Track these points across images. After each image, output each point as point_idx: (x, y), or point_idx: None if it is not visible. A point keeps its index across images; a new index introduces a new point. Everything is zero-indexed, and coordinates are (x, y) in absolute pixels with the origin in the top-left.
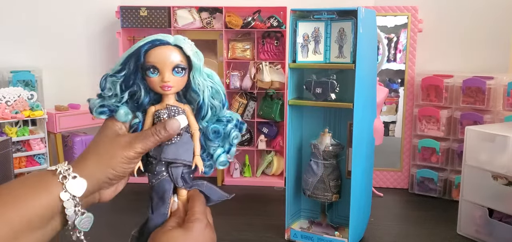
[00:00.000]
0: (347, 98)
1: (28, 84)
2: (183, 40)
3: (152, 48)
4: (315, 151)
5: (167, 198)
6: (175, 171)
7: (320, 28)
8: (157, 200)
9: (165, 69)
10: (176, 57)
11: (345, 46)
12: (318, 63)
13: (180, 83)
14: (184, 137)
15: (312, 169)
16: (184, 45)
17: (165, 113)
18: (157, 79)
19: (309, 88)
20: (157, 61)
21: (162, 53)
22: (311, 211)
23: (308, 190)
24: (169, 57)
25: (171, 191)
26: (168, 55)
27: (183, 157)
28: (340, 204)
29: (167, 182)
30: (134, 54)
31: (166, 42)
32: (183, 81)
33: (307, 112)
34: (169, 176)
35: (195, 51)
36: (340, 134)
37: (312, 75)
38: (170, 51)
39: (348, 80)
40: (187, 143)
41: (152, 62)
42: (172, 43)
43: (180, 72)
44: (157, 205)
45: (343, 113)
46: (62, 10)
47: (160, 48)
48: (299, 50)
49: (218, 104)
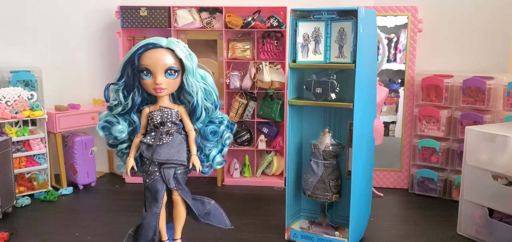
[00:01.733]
0: (347, 98)
1: (28, 84)
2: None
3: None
4: (315, 151)
5: (160, 198)
6: (167, 172)
7: (320, 28)
8: (150, 199)
9: (158, 71)
10: (169, 60)
11: (345, 46)
12: (318, 63)
13: (173, 85)
14: (177, 138)
15: (312, 168)
16: (176, 48)
17: (158, 114)
18: (150, 81)
19: (309, 88)
20: (149, 64)
21: (155, 56)
22: (311, 211)
23: (308, 190)
24: (161, 60)
25: (163, 191)
26: (160, 58)
27: (176, 157)
28: (340, 204)
29: (159, 182)
30: (130, 60)
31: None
32: (176, 83)
33: (307, 112)
34: (162, 176)
35: (187, 53)
36: (340, 134)
37: (312, 75)
38: (163, 54)
39: (348, 80)
40: (180, 143)
41: (145, 65)
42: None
43: (173, 74)
44: (150, 204)
45: (343, 113)
46: (62, 10)
47: (153, 51)
48: (299, 50)
49: (210, 106)
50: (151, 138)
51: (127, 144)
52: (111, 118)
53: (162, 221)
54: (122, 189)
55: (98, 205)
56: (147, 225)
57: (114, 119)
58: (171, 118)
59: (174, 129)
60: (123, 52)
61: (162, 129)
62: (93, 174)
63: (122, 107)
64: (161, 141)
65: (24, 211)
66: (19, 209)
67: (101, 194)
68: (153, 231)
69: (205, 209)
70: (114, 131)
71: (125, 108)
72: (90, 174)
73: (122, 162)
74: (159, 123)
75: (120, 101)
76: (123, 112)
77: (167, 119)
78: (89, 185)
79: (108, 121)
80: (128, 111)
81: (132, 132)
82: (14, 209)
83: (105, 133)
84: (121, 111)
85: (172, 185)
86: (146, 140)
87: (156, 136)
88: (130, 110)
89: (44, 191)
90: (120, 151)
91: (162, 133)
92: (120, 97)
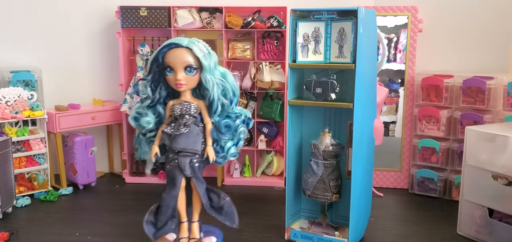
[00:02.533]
0: (347, 98)
1: (28, 84)
2: (195, 43)
3: (168, 51)
4: (315, 151)
5: (178, 183)
6: (183, 159)
7: (320, 28)
8: (169, 183)
9: (178, 68)
10: (188, 58)
11: (345, 46)
12: (318, 63)
13: (192, 81)
14: (194, 129)
15: (312, 168)
16: (194, 48)
17: (179, 107)
18: (172, 77)
19: (309, 88)
20: (171, 62)
21: (176, 54)
22: (311, 211)
23: (308, 190)
24: (181, 58)
25: (181, 177)
26: (180, 56)
27: (191, 146)
28: (340, 204)
29: (177, 169)
30: (155, 58)
31: (180, 45)
32: (195, 80)
33: (307, 112)
34: (179, 164)
35: (206, 52)
36: (340, 134)
37: (312, 75)
38: (183, 53)
39: (348, 80)
40: (197, 135)
41: (168, 63)
42: (185, 45)
43: (192, 71)
44: (169, 188)
45: (343, 113)
46: (62, 10)
47: (175, 51)
48: (299, 50)
49: (226, 102)
50: (171, 128)
51: (154, 132)
52: (141, 110)
53: (181, 203)
54: (122, 189)
55: (98, 205)
56: (166, 205)
57: (143, 111)
58: (190, 111)
59: (191, 121)
60: (123, 52)
61: (180, 121)
62: (93, 174)
63: (150, 100)
64: (179, 131)
65: (24, 211)
66: (19, 209)
67: (101, 194)
68: (172, 210)
69: (220, 203)
70: (142, 121)
71: (153, 101)
72: (90, 174)
73: (148, 149)
74: (179, 115)
75: (148, 95)
76: (151, 105)
77: (186, 112)
78: (89, 185)
79: (138, 113)
80: (155, 104)
81: (159, 122)
82: (14, 209)
83: (136, 123)
84: (149, 104)
85: (187, 172)
86: (166, 130)
87: (175, 126)
88: (156, 103)
89: (44, 191)
90: (148, 138)
91: (180, 124)
92: (148, 91)
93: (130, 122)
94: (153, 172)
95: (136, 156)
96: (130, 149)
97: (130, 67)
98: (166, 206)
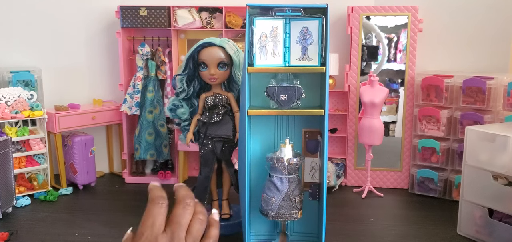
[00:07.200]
0: (312, 104)
1: (28, 84)
2: (226, 42)
3: (203, 49)
4: (278, 165)
5: (210, 165)
6: (217, 144)
7: (278, 27)
8: (203, 165)
9: (212, 64)
10: (220, 55)
11: (311, 47)
12: (280, 67)
13: (223, 76)
14: (225, 118)
15: (275, 185)
16: (226, 46)
17: (212, 99)
18: (206, 72)
19: (271, 96)
20: (205, 58)
21: (210, 52)
22: (263, 232)
23: (272, 210)
24: (215, 55)
25: (214, 160)
26: (214, 53)
27: (223, 132)
28: (299, 220)
29: (210, 152)
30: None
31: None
32: (226, 74)
33: (255, 122)
34: (213, 148)
35: (236, 50)
36: (295, 142)
37: (271, 81)
38: (216, 50)
39: (312, 85)
40: (227, 123)
41: (202, 59)
42: (218, 44)
43: (223, 67)
44: (204, 169)
45: (297, 120)
46: (62, 11)
47: (209, 49)
48: (257, 51)
49: None
50: (205, 117)
51: (188, 121)
52: (176, 102)
53: (213, 183)
54: (122, 189)
55: (98, 205)
56: (200, 184)
57: (179, 103)
58: (222, 102)
59: (223, 110)
60: (123, 52)
61: (213, 111)
62: (93, 174)
63: (185, 93)
64: (213, 120)
65: (24, 211)
66: (19, 209)
67: (101, 194)
68: (205, 188)
69: None
70: (178, 112)
71: (188, 94)
72: (90, 174)
73: (183, 136)
74: (212, 105)
75: (184, 88)
76: (186, 97)
77: (218, 103)
78: (89, 185)
79: (174, 104)
80: (190, 96)
81: (192, 112)
82: (14, 209)
83: (172, 114)
84: (184, 97)
85: (220, 155)
86: (201, 118)
87: (209, 115)
88: (191, 95)
89: (44, 191)
90: (183, 127)
91: (213, 113)
92: (184, 85)
93: (166, 112)
94: (153, 172)
95: (135, 156)
96: (130, 149)
97: (130, 67)
98: (200, 185)
